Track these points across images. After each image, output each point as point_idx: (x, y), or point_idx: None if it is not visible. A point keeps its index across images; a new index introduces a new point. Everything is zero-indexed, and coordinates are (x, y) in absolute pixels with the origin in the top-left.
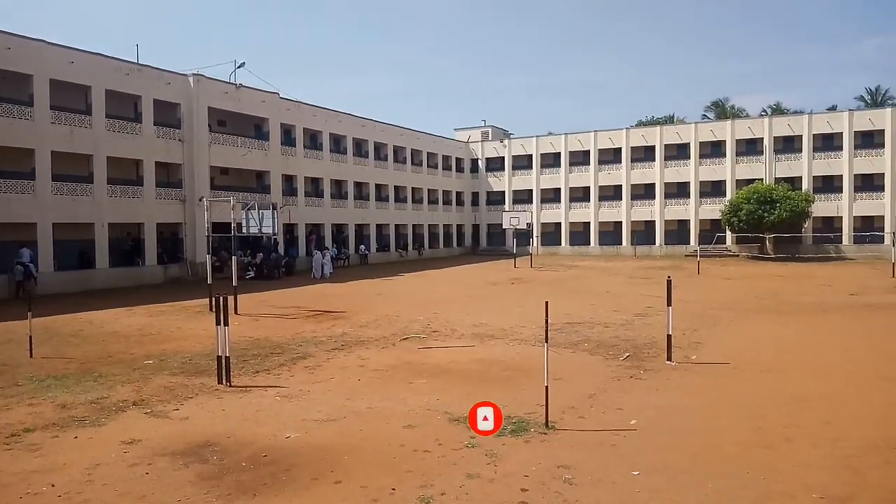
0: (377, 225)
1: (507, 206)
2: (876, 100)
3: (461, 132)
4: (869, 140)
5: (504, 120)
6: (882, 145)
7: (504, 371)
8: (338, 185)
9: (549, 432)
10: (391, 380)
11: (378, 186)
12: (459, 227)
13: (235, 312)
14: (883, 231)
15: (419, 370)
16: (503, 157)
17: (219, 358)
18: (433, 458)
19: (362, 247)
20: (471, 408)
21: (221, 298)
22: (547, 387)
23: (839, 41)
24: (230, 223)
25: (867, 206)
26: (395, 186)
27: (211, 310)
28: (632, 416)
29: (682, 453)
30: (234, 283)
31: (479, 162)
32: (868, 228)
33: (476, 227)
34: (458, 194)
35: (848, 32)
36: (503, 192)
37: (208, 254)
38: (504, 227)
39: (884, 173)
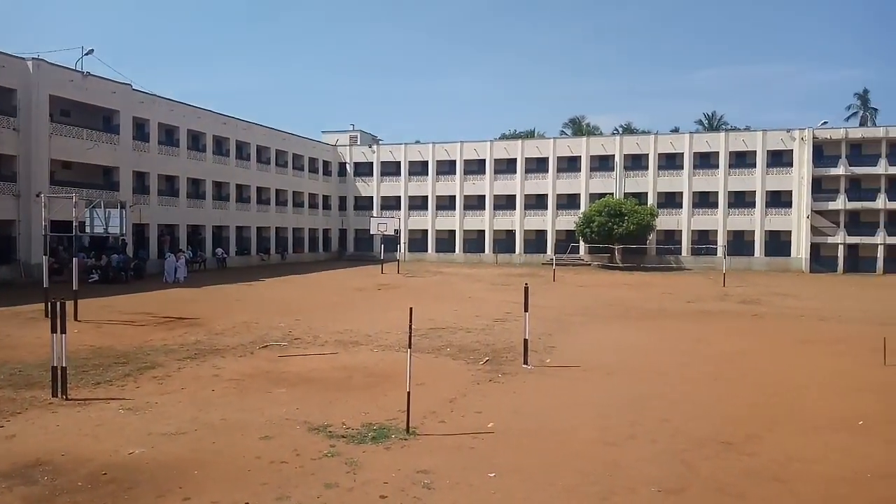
0: (237, 227)
1: (374, 212)
2: (712, 124)
3: (329, 135)
4: (706, 161)
5: (373, 125)
6: (717, 166)
7: (367, 378)
8: (195, 185)
9: (410, 438)
10: (248, 390)
11: (239, 187)
12: (326, 231)
13: (75, 319)
14: (716, 244)
15: (278, 379)
16: (372, 163)
17: (54, 368)
18: (290, 470)
19: (220, 250)
20: (331, 416)
21: (58, 303)
22: (409, 392)
23: (682, 70)
24: (72, 222)
25: (703, 220)
26: (257, 187)
27: (46, 315)
28: (490, 419)
29: (535, 453)
30: (75, 286)
31: (348, 166)
32: (704, 241)
33: (343, 232)
34: (325, 198)
35: (689, 62)
36: (371, 198)
37: (45, 255)
38: (372, 232)
39: (717, 191)
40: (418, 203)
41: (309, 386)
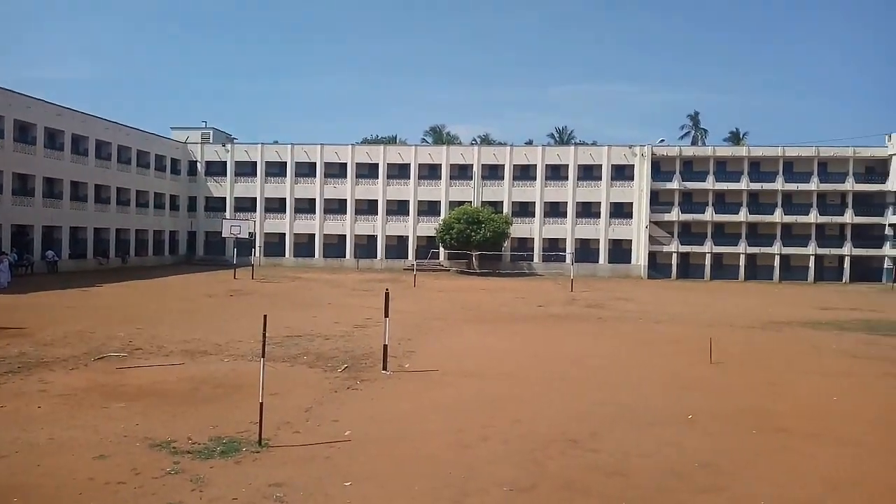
0: (72, 228)
1: (227, 214)
2: (563, 138)
3: (179, 132)
4: (556, 173)
5: (228, 124)
6: (566, 178)
7: (216, 389)
8: (22, 180)
9: (262, 450)
10: (80, 405)
11: (75, 184)
12: (173, 233)
13: None
14: (565, 251)
15: (116, 393)
16: (225, 162)
17: None
18: (128, 491)
19: (51, 252)
20: (176, 431)
21: None
22: (261, 403)
23: (538, 85)
24: None
25: (553, 229)
26: (95, 185)
27: None
28: (347, 427)
29: (392, 460)
30: None
31: (199, 165)
32: (554, 249)
33: (192, 235)
34: (173, 198)
35: (544, 78)
36: (224, 199)
37: None
38: (224, 235)
39: (567, 202)
40: (275, 206)
41: (151, 399)
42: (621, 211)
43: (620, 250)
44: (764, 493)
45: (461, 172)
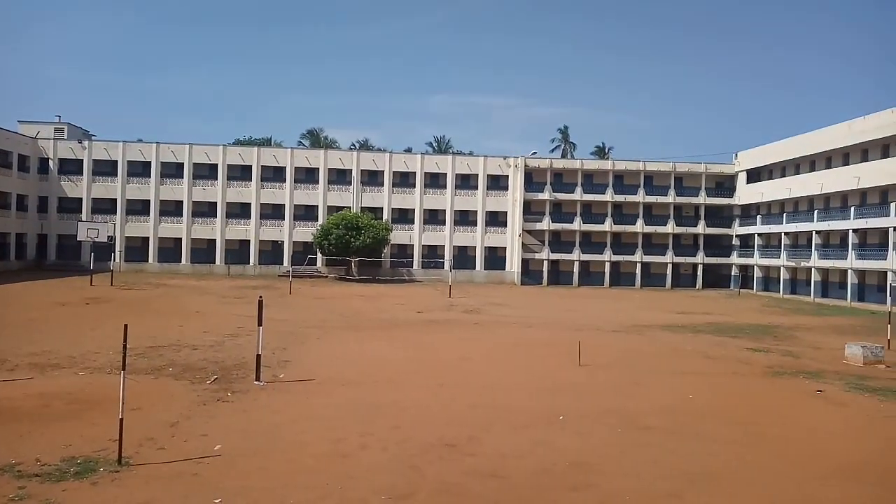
0: None
1: (84, 216)
2: (441, 146)
3: (28, 126)
4: (435, 181)
5: (85, 119)
6: (445, 186)
7: (70, 405)
8: None
9: (122, 469)
10: None
11: None
12: (20, 236)
13: None
14: (443, 258)
15: None
16: (82, 161)
17: None
18: None
19: None
20: (22, 453)
21: None
22: (121, 419)
23: (418, 93)
24: None
25: (432, 236)
26: None
27: None
28: (217, 442)
29: (266, 473)
30: None
31: (51, 163)
32: (433, 256)
33: (43, 238)
34: (21, 198)
35: (422, 87)
36: (80, 200)
37: None
38: (79, 238)
39: (445, 209)
40: (138, 208)
41: None
42: (496, 219)
43: (496, 257)
44: (629, 487)
45: (340, 177)
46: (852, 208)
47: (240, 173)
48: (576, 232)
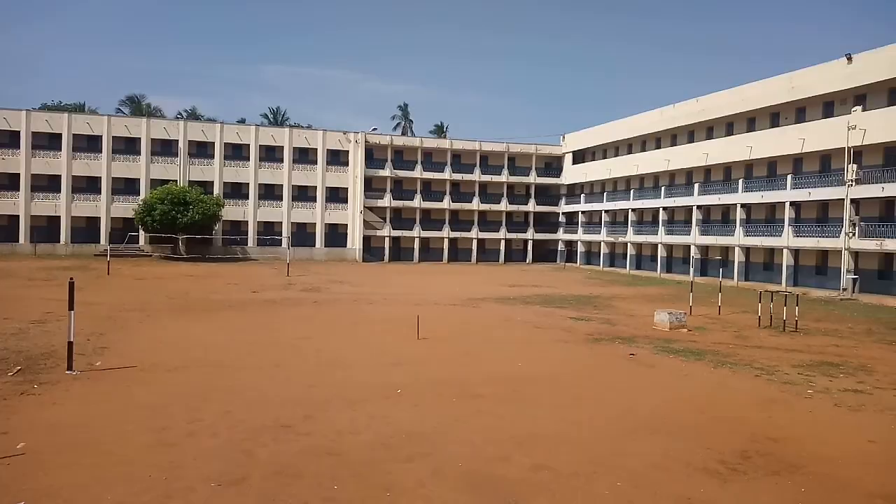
0: None
1: None
2: (277, 119)
3: None
4: (272, 154)
5: None
6: (282, 160)
7: None
8: None
9: None
10: None
11: None
12: None
13: None
14: (281, 235)
15: None
16: None
17: None
18: None
19: None
20: None
21: None
22: None
23: (250, 61)
24: None
25: (269, 212)
26: None
27: None
28: (20, 439)
29: (79, 469)
30: None
31: None
32: (269, 233)
33: None
34: None
35: (254, 56)
36: None
37: None
38: None
39: (283, 184)
40: None
41: None
42: (337, 196)
43: (336, 234)
44: (462, 454)
45: (165, 149)
46: (663, 188)
47: (47, 142)
48: (416, 209)
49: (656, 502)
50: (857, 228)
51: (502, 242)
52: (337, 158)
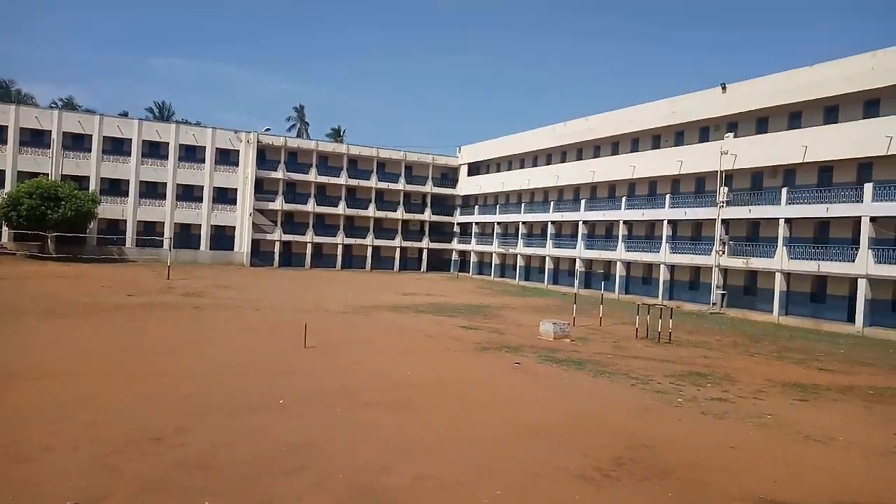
0: None
1: None
2: (164, 114)
3: None
4: (156, 150)
5: None
6: (166, 157)
7: None
8: None
9: None
10: None
11: None
12: None
13: None
14: (162, 236)
15: None
16: None
17: None
18: None
19: None
20: None
21: None
22: None
23: (136, 52)
24: None
25: (150, 211)
26: None
27: None
28: None
29: None
30: None
31: None
32: (150, 233)
33: None
34: None
35: (139, 46)
36: None
37: None
38: None
39: (166, 182)
40: None
41: None
42: (225, 196)
43: (223, 237)
44: (345, 465)
45: (36, 139)
46: (552, 203)
47: None
48: (310, 213)
49: None
50: (726, 247)
51: (398, 251)
52: (227, 158)
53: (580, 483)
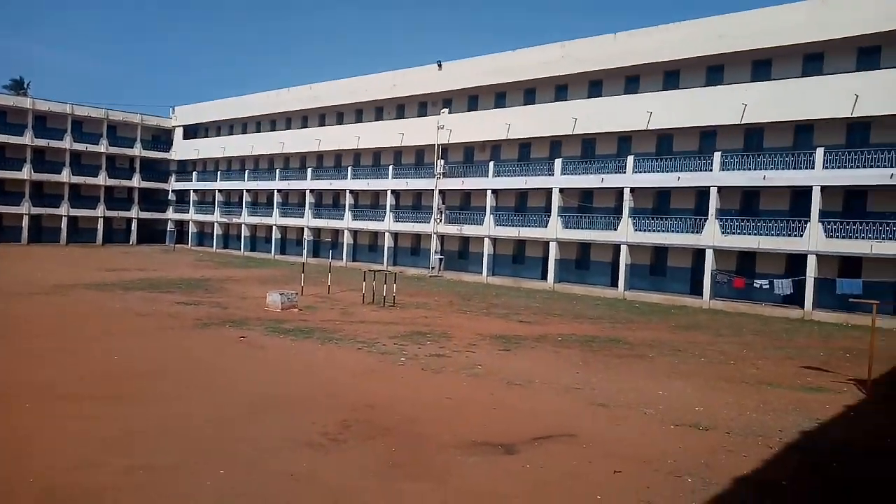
0: None
1: None
2: None
3: None
4: None
5: None
6: None
7: None
8: None
9: None
10: None
11: None
12: None
13: None
14: None
15: None
16: None
17: None
18: None
19: None
20: None
21: None
22: None
23: None
24: None
25: None
26: None
27: None
28: None
29: None
30: None
31: None
32: None
33: None
34: None
35: None
36: None
37: None
38: None
39: None
40: None
41: None
42: None
43: None
44: (39, 466)
45: None
46: (278, 170)
47: None
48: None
49: (259, 483)
50: (443, 216)
51: (100, 221)
52: None
53: (308, 450)
